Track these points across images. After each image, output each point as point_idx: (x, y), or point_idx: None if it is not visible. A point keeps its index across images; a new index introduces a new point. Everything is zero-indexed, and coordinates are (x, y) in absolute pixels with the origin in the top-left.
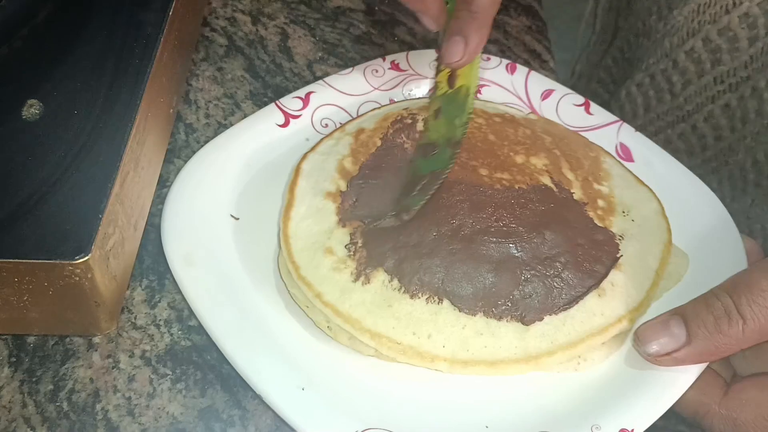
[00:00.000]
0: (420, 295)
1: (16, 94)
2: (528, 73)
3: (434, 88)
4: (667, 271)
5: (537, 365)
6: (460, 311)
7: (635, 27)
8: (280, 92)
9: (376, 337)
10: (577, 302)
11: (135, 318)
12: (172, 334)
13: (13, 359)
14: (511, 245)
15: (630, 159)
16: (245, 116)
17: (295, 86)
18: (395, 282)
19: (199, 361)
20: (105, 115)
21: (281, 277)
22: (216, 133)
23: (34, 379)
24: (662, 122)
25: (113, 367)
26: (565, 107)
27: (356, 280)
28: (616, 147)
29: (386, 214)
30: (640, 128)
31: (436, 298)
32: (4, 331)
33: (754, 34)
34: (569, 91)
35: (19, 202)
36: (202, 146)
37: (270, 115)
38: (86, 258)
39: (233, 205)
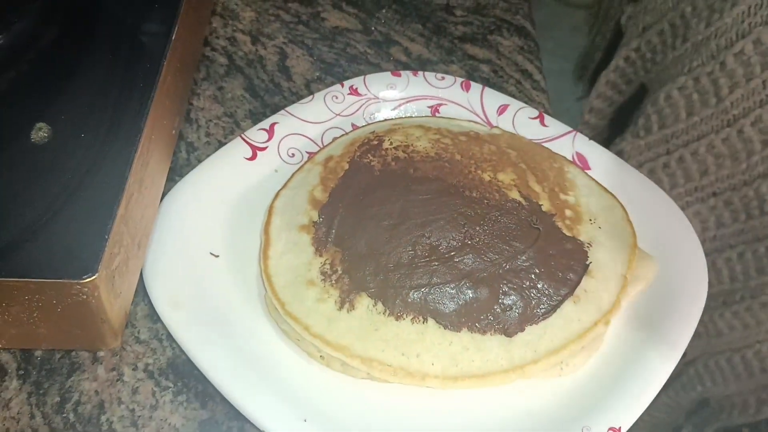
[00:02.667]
0: (405, 316)
1: (25, 117)
2: (482, 89)
3: None
4: (635, 274)
5: (523, 374)
6: (445, 329)
7: (658, 29)
8: (278, 112)
9: (367, 361)
10: (555, 311)
11: (138, 332)
12: (173, 348)
13: (21, 372)
14: (486, 260)
15: (587, 167)
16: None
17: None
18: (379, 305)
19: (200, 374)
20: (110, 138)
21: (270, 314)
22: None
23: (41, 391)
24: (706, 126)
25: (117, 380)
26: (521, 121)
27: (341, 307)
28: (573, 156)
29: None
30: (681, 132)
31: (420, 317)
32: (14, 345)
33: None
34: (523, 104)
35: (28, 223)
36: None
37: (237, 149)
38: (93, 278)
39: (212, 243)
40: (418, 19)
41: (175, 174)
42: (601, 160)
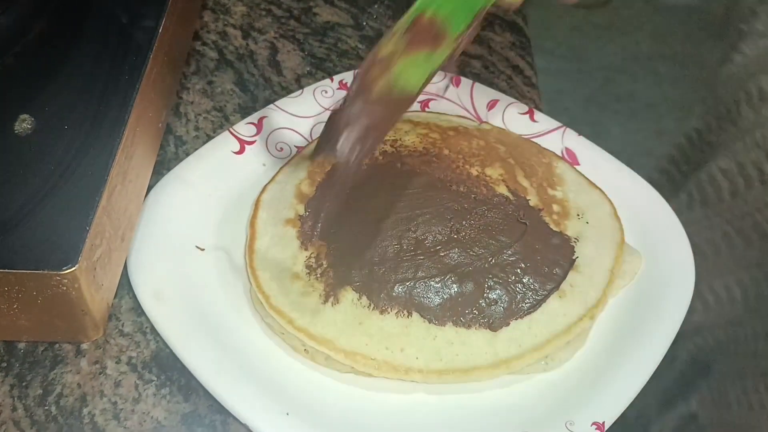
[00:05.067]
0: (389, 310)
1: (9, 109)
2: (472, 85)
3: None
4: (622, 269)
5: (508, 368)
6: (430, 323)
7: (718, 111)
8: (268, 105)
9: (351, 355)
10: (540, 305)
11: (122, 325)
12: (157, 341)
13: (4, 364)
14: (472, 254)
15: (576, 162)
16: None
17: None
18: (364, 299)
19: (183, 367)
20: (94, 129)
21: (255, 308)
22: None
23: (24, 384)
24: (750, 207)
25: (100, 373)
26: (510, 116)
27: (326, 301)
28: (562, 152)
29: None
30: (725, 211)
31: (405, 311)
32: None
33: None
34: (513, 100)
35: (9, 214)
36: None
37: (225, 143)
38: (73, 269)
39: (198, 236)
40: None
41: (163, 167)
42: (589, 156)
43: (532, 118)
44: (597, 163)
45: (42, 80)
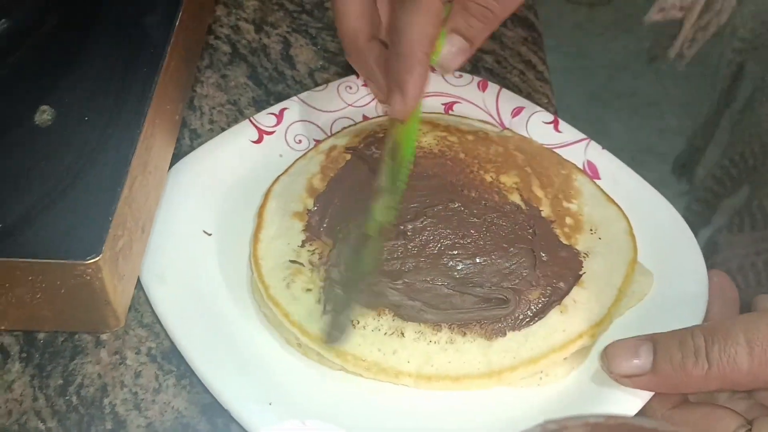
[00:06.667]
0: (386, 311)
1: (29, 100)
2: (499, 90)
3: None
4: (631, 288)
5: (500, 380)
6: (425, 327)
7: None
8: (282, 99)
9: (342, 354)
10: (539, 318)
11: (141, 316)
12: None
13: (24, 355)
14: (476, 262)
15: (597, 176)
16: None
17: (297, 94)
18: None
19: None
20: (114, 121)
21: (254, 297)
22: None
23: (44, 374)
24: None
25: (120, 364)
26: (534, 124)
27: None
28: (584, 164)
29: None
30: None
31: (402, 314)
32: (17, 327)
33: None
34: (539, 108)
35: (32, 204)
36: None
37: (244, 131)
38: (97, 258)
39: (206, 221)
40: None
41: (179, 160)
42: (611, 170)
43: (556, 128)
44: (618, 178)
45: (61, 72)
